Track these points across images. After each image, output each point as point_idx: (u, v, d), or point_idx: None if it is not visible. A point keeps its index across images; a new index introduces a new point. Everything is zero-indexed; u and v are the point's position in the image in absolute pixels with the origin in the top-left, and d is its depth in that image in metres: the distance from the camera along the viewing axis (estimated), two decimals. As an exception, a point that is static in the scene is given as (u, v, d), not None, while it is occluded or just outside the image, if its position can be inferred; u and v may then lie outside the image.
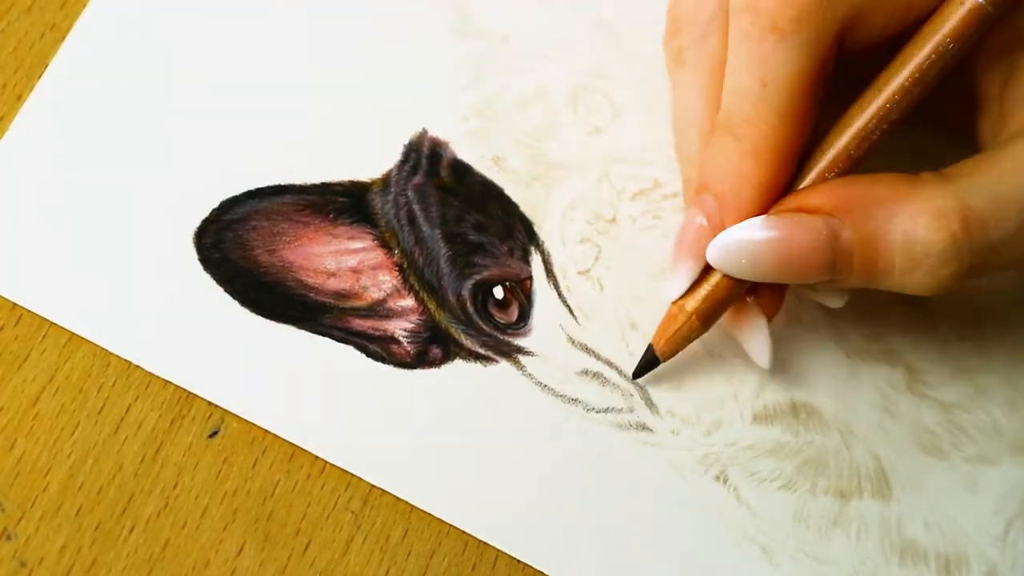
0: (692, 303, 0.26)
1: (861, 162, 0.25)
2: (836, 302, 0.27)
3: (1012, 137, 0.24)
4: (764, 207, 0.25)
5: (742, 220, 0.25)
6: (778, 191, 0.25)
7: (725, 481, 0.28)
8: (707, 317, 0.26)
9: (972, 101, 0.27)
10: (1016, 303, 0.30)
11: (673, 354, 0.28)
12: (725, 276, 0.26)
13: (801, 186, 0.25)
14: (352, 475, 0.28)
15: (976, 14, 0.23)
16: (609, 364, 0.29)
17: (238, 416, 0.28)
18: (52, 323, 0.29)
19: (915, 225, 0.23)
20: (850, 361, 0.30)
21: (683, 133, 0.27)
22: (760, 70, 0.24)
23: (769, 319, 0.27)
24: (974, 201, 0.23)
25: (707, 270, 0.26)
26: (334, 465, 0.28)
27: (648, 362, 0.28)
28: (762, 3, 0.24)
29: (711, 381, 0.29)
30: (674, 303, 0.27)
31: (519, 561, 0.28)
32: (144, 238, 0.29)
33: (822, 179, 0.25)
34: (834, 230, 0.24)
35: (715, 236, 0.25)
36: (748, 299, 0.27)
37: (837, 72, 0.25)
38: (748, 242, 0.25)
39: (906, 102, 0.24)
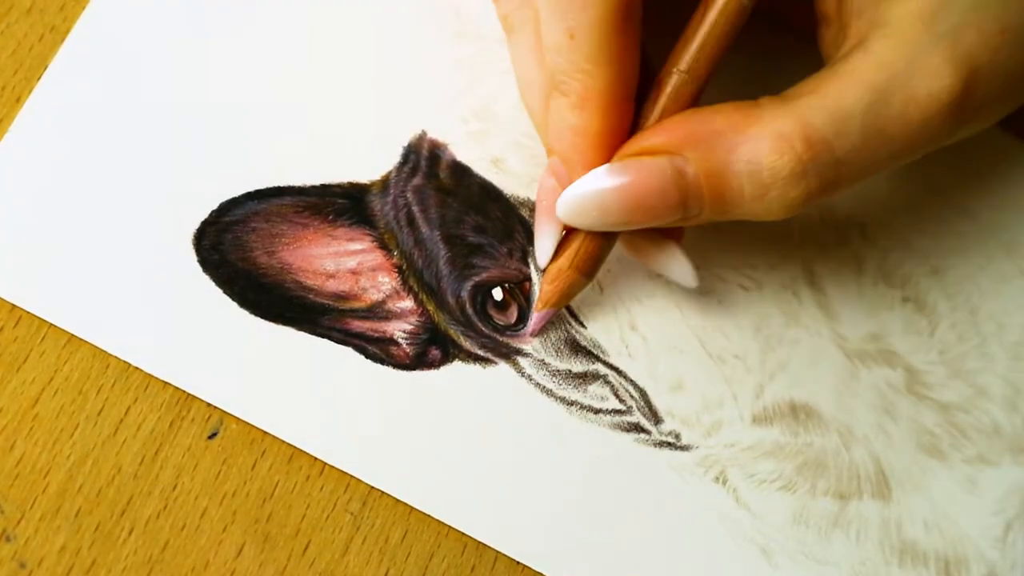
0: (567, 261, 0.27)
1: (700, 93, 0.25)
2: (687, 281, 0.27)
3: (850, 51, 0.24)
4: (605, 156, 0.25)
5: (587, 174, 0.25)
6: (617, 138, 0.25)
7: (724, 482, 0.28)
8: (587, 269, 0.27)
9: (814, 17, 0.27)
10: (1015, 304, 0.30)
11: (561, 307, 0.28)
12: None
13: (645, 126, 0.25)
14: (351, 476, 0.28)
15: None
16: (608, 366, 0.29)
17: (237, 417, 0.28)
18: (51, 325, 0.29)
19: (758, 151, 0.23)
20: (849, 362, 0.30)
21: (528, 98, 0.27)
22: (564, 22, 0.24)
23: (678, 241, 0.27)
24: (814, 119, 0.23)
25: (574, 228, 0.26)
26: (333, 466, 0.28)
27: (540, 318, 0.28)
28: None
29: (710, 382, 0.29)
30: (549, 265, 0.27)
31: (518, 562, 0.28)
32: (143, 240, 0.29)
33: (664, 117, 0.25)
34: (679, 168, 0.24)
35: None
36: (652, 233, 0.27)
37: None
38: (594, 193, 0.25)
39: (725, 40, 0.24)
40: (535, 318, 0.28)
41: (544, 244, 0.27)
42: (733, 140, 0.23)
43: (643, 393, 0.29)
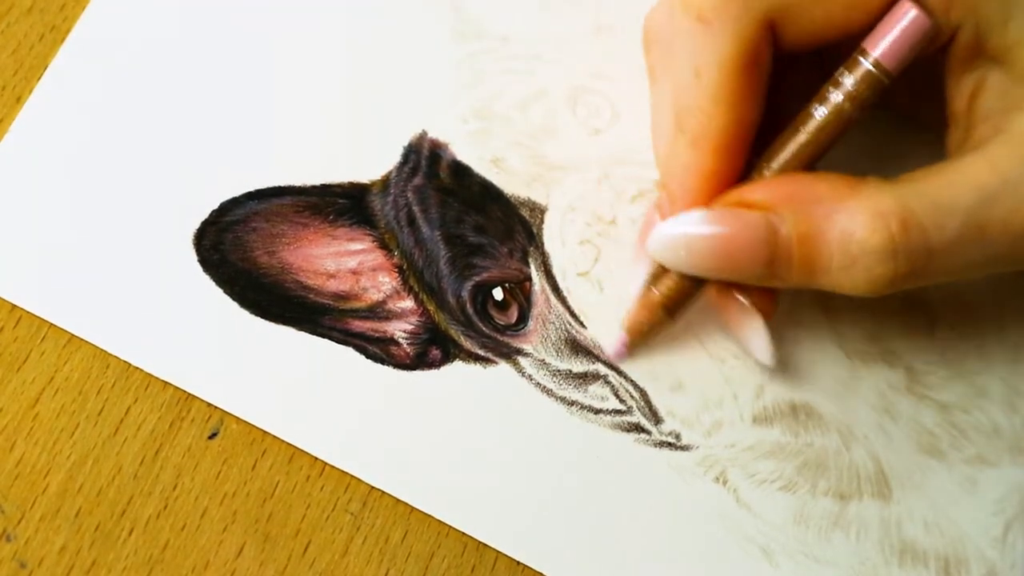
0: (658, 296, 0.27)
1: (819, 158, 0.25)
2: (764, 359, 0.27)
3: (969, 151, 0.24)
4: (709, 196, 0.25)
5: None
6: (724, 180, 0.25)
7: (725, 482, 0.28)
8: (671, 307, 0.27)
9: (944, 116, 0.27)
10: (1015, 304, 0.30)
11: (641, 343, 0.29)
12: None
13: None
14: (351, 476, 0.28)
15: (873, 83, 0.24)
16: (608, 366, 0.29)
17: (237, 417, 0.28)
18: (52, 324, 0.29)
19: (853, 223, 0.23)
20: (850, 362, 0.30)
21: (657, 143, 0.28)
22: (692, 60, 0.24)
23: (766, 318, 0.27)
24: (915, 205, 0.23)
25: None
26: (333, 466, 0.28)
27: (620, 351, 0.29)
28: None
29: (711, 382, 0.29)
30: (644, 293, 0.28)
31: (518, 562, 0.28)
32: (144, 239, 0.29)
33: (779, 172, 0.25)
34: (773, 226, 0.24)
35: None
36: (742, 299, 0.27)
37: (809, 69, 0.26)
38: (686, 235, 0.25)
39: (860, 113, 0.25)
40: (618, 344, 0.29)
41: (637, 276, 0.28)
42: (832, 208, 0.24)
43: (643, 393, 0.29)
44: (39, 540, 0.27)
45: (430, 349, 0.29)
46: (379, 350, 0.29)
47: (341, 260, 0.29)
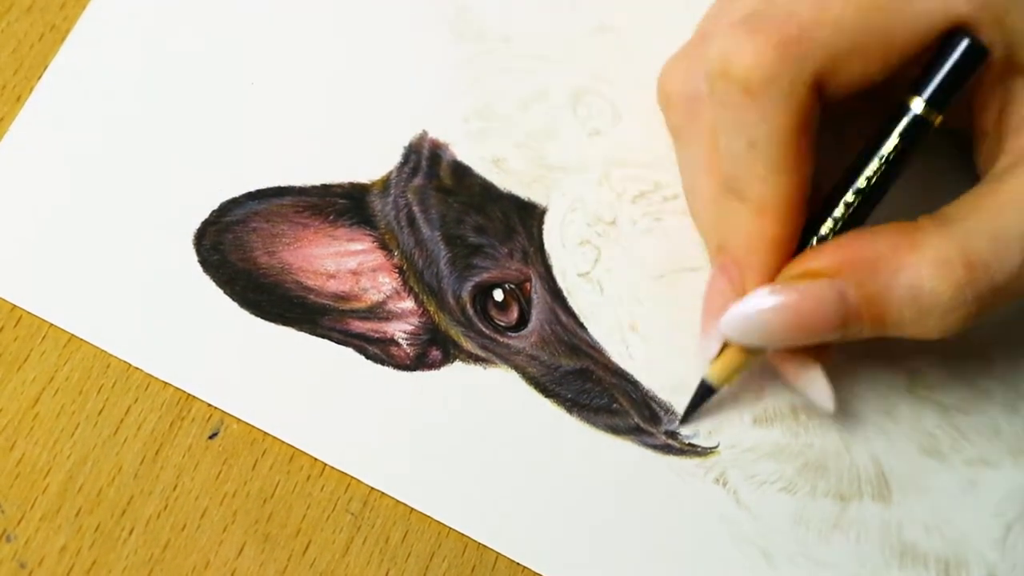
0: (715, 374, 0.27)
1: (872, 208, 0.25)
2: (824, 405, 0.27)
3: (1007, 169, 0.24)
4: (781, 263, 0.25)
5: (764, 279, 0.25)
6: (792, 245, 0.25)
7: (725, 484, 0.28)
8: (726, 380, 0.27)
9: (970, 130, 0.27)
10: (1017, 304, 0.30)
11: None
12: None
13: (813, 241, 0.26)
14: (352, 477, 0.28)
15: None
16: (608, 367, 0.29)
17: (238, 418, 0.28)
18: (52, 324, 0.29)
19: (920, 277, 0.23)
20: (850, 363, 0.29)
21: (695, 205, 0.28)
22: (744, 132, 0.24)
23: (826, 363, 0.27)
24: (975, 244, 0.23)
25: None
26: (334, 467, 0.28)
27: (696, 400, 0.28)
28: (733, 69, 0.24)
29: (711, 383, 0.29)
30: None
31: (518, 563, 0.28)
32: (144, 240, 0.29)
33: (837, 233, 0.25)
34: (841, 292, 0.24)
35: (738, 298, 0.25)
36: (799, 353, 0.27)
37: (851, 113, 0.26)
38: (757, 314, 0.25)
39: (907, 163, 0.25)
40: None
41: (710, 347, 0.27)
42: (895, 265, 0.24)
43: (643, 394, 0.29)
44: (39, 540, 0.27)
45: (430, 350, 0.29)
46: (379, 351, 0.29)
47: (341, 260, 0.29)
